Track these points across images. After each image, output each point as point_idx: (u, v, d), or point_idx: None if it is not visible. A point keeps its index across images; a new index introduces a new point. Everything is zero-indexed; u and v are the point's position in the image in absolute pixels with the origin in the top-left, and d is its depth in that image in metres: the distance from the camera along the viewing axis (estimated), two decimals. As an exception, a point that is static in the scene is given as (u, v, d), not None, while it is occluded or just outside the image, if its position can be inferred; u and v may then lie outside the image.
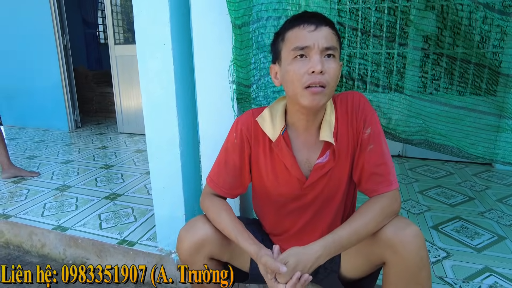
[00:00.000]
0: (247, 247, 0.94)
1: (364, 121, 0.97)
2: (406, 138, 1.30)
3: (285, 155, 1.00)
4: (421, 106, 1.25)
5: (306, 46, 0.86)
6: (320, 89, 0.87)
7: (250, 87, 1.16)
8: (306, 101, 0.89)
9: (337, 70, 0.89)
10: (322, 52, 0.86)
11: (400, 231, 0.86)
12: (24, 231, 1.81)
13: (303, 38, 0.86)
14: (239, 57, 1.09)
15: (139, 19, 1.28)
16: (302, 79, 0.87)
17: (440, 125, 1.24)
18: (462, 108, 1.23)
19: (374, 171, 0.95)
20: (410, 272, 0.86)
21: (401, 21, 1.20)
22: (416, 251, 0.85)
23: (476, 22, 1.09)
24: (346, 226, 0.90)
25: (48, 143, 3.49)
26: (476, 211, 1.86)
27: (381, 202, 0.91)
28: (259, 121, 1.01)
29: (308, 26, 0.87)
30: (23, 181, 2.43)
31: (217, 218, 1.01)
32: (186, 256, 1.01)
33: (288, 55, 0.89)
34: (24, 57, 4.04)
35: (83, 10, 6.08)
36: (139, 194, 2.18)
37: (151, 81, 1.32)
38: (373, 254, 0.93)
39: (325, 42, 0.86)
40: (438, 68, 1.26)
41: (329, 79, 0.87)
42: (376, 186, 0.94)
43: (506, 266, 1.39)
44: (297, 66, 0.87)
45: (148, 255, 1.54)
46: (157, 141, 1.39)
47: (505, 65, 1.12)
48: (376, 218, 0.89)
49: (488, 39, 1.12)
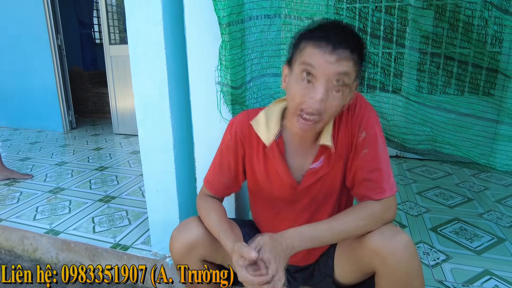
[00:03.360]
0: (226, 243, 0.91)
1: (359, 125, 0.92)
2: (412, 147, 1.24)
3: (277, 161, 0.98)
4: (426, 112, 1.19)
5: (315, 72, 0.79)
6: (312, 120, 0.82)
7: (238, 89, 1.12)
8: (297, 124, 0.85)
9: (339, 106, 0.82)
10: (329, 81, 0.79)
11: (388, 241, 0.83)
12: (16, 235, 1.77)
13: (317, 65, 0.78)
14: (226, 57, 1.06)
15: (131, 19, 1.25)
16: (300, 100, 0.81)
17: (448, 133, 1.18)
18: (470, 115, 1.17)
19: (366, 177, 0.91)
20: (401, 282, 0.84)
21: (406, 22, 1.17)
22: (407, 261, 0.81)
23: (485, 22, 1.05)
24: (325, 221, 0.88)
25: (42, 145, 3.45)
26: (475, 213, 1.84)
27: (371, 206, 0.88)
28: (253, 125, 0.98)
29: (329, 56, 0.76)
30: (16, 184, 2.39)
31: (206, 217, 1.00)
32: (178, 257, 1.01)
33: (297, 69, 0.83)
34: (17, 57, 3.99)
35: (78, 10, 6.02)
36: (133, 197, 2.15)
37: (144, 81, 1.29)
38: (363, 263, 0.90)
39: (338, 76, 0.78)
40: (444, 72, 1.23)
41: (328, 109, 0.81)
42: (368, 193, 0.90)
43: (506, 269, 1.37)
44: (300, 88, 0.81)
45: (142, 259, 1.51)
46: (150, 143, 1.36)
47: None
48: (359, 219, 0.86)
49: (499, 40, 1.07)
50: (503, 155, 1.14)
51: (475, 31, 1.08)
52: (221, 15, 1.00)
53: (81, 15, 6.07)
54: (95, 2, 6.07)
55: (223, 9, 0.99)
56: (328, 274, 1.05)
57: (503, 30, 1.01)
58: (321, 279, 1.08)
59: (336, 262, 1.02)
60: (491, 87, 1.22)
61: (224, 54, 1.05)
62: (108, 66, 3.72)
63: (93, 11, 6.20)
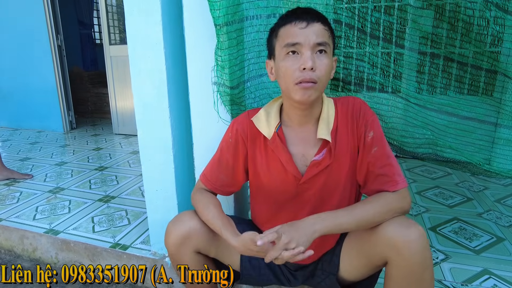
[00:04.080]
0: (228, 237, 0.94)
1: (366, 126, 0.97)
2: (411, 151, 1.22)
3: (280, 151, 1.00)
4: (427, 115, 1.18)
5: (297, 43, 0.87)
6: (311, 85, 0.88)
7: (235, 89, 1.12)
8: (297, 96, 0.90)
9: (329, 66, 0.90)
10: (314, 48, 0.87)
11: (404, 231, 0.85)
12: (15, 234, 1.77)
13: (294, 35, 0.87)
14: (222, 58, 1.07)
15: (130, 19, 1.25)
16: (294, 75, 0.88)
17: (450, 137, 1.16)
18: (472, 119, 1.15)
19: (379, 173, 0.95)
20: (413, 273, 0.85)
21: (406, 22, 1.16)
22: (421, 251, 0.83)
23: (487, 22, 1.03)
24: (344, 208, 0.92)
25: (42, 145, 3.45)
26: (475, 212, 1.84)
27: (388, 196, 0.92)
28: (254, 121, 1.03)
29: (300, 23, 0.87)
30: (16, 184, 2.39)
31: (205, 211, 1.02)
32: (173, 249, 1.03)
33: (280, 51, 0.91)
34: (17, 57, 4.00)
35: (78, 10, 6.03)
36: (133, 197, 2.15)
37: (143, 81, 1.29)
38: (375, 255, 0.91)
39: (316, 38, 0.86)
40: (445, 74, 1.21)
41: (320, 75, 0.88)
42: (382, 186, 0.94)
43: (505, 269, 1.37)
44: (289, 63, 0.89)
45: (142, 258, 1.51)
46: (150, 143, 1.36)
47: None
48: (378, 207, 0.89)
49: (501, 41, 1.05)
50: (508, 160, 1.11)
51: (475, 31, 1.06)
52: (216, 16, 1.00)
53: (81, 15, 6.08)
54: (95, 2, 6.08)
55: (218, 10, 1.00)
56: (332, 272, 1.05)
57: (504, 30, 1.01)
58: (324, 278, 1.08)
59: (343, 257, 1.03)
60: (493, 90, 1.20)
61: (220, 54, 1.06)
62: (108, 66, 3.72)
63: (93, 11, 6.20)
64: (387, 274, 0.91)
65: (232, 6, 1.03)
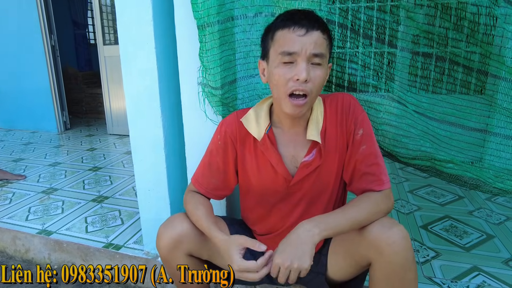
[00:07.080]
0: (216, 236, 0.94)
1: (355, 123, 0.97)
2: (407, 162, 1.14)
3: (270, 153, 1.00)
4: (427, 124, 1.07)
5: (294, 52, 0.84)
6: (302, 101, 0.87)
7: (219, 90, 1.11)
8: (287, 109, 0.90)
9: (322, 78, 0.89)
10: (309, 58, 0.85)
11: (386, 232, 0.84)
12: (7, 235, 1.76)
13: (291, 43, 0.84)
14: (204, 59, 1.06)
15: (121, 18, 1.25)
16: (287, 85, 0.87)
17: (453, 150, 1.05)
18: (480, 130, 1.03)
19: (366, 171, 0.95)
20: (395, 274, 0.85)
21: (407, 22, 1.08)
22: (402, 252, 0.83)
23: (496, 20, 0.93)
24: (338, 210, 0.91)
25: (35, 145, 3.43)
26: (466, 210, 1.86)
27: (374, 196, 0.92)
28: (243, 122, 1.01)
29: (299, 30, 0.84)
30: (8, 185, 2.38)
31: (194, 210, 1.02)
32: (165, 252, 1.02)
33: (275, 57, 0.88)
34: (10, 57, 3.97)
35: (72, 10, 5.99)
36: (126, 197, 2.15)
37: (134, 81, 1.30)
38: (359, 255, 0.91)
39: (313, 48, 0.84)
40: (451, 79, 1.07)
41: (313, 88, 0.87)
42: (368, 186, 0.95)
43: (494, 265, 1.38)
44: (282, 71, 0.87)
45: (134, 258, 1.51)
46: (141, 142, 1.36)
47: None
48: (370, 208, 0.89)
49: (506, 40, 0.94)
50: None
51: (482, 31, 0.96)
52: (198, 17, 1.00)
53: (75, 15, 6.05)
54: (89, 2, 6.05)
55: (198, 11, 0.98)
56: (321, 272, 1.05)
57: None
58: (313, 278, 1.08)
59: (330, 258, 1.03)
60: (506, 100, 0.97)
61: (203, 55, 1.05)
62: (102, 67, 3.71)
63: (87, 11, 6.17)
64: (371, 274, 0.91)
65: (215, 6, 1.01)
